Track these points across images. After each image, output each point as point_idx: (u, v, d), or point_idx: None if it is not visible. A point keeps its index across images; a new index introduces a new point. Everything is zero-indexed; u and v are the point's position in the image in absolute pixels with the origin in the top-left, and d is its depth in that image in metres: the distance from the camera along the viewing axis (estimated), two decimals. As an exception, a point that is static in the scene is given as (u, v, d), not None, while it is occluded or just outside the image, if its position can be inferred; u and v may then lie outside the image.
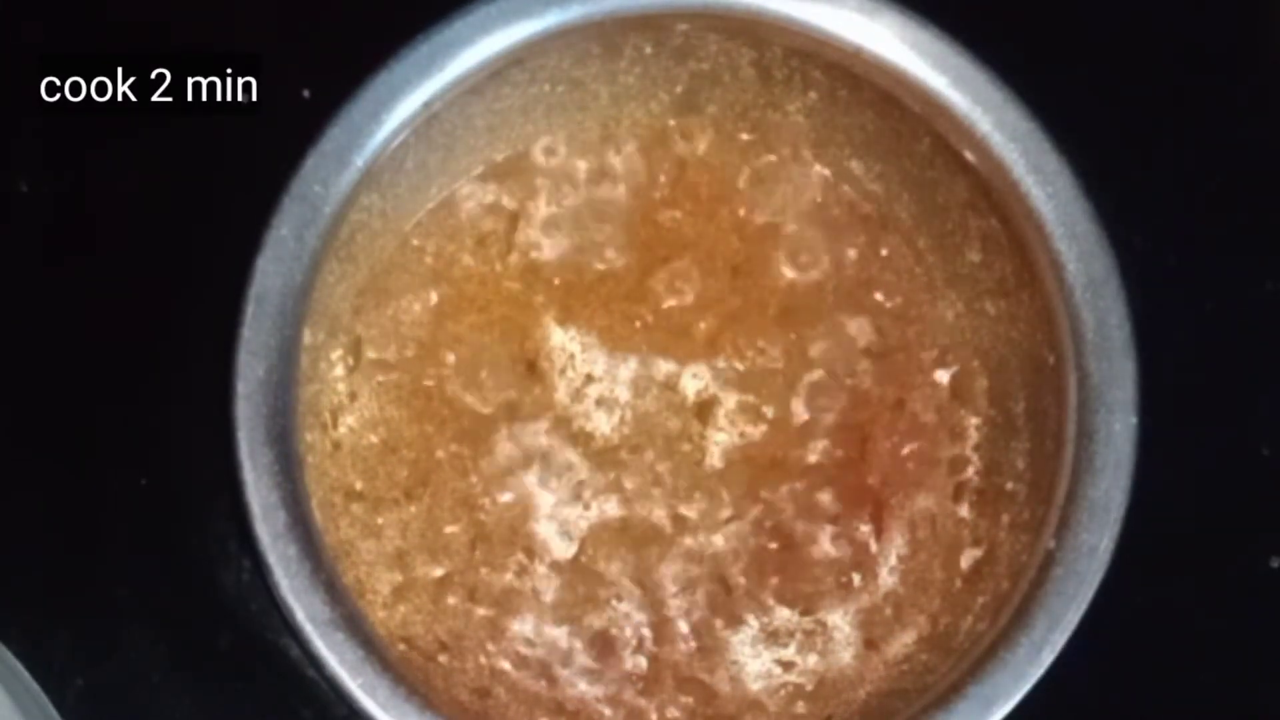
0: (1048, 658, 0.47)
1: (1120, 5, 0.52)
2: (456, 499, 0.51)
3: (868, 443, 0.52)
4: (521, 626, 0.50)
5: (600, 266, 0.52)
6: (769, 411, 0.52)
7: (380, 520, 0.50)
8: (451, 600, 0.50)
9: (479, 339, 0.51)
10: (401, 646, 0.50)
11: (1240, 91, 0.52)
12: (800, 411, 0.52)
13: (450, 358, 0.51)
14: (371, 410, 0.51)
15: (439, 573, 0.50)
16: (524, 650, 0.50)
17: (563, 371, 0.51)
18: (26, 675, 0.46)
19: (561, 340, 0.52)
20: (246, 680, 0.47)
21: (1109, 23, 0.51)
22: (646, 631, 0.50)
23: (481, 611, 0.50)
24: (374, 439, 0.51)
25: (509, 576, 0.50)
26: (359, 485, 0.51)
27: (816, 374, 0.52)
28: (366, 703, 0.46)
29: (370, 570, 0.50)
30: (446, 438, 0.51)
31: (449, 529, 0.50)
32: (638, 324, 0.52)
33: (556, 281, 0.52)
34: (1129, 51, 0.51)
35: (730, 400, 0.52)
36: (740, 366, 0.52)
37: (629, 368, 0.52)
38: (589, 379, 0.51)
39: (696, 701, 0.50)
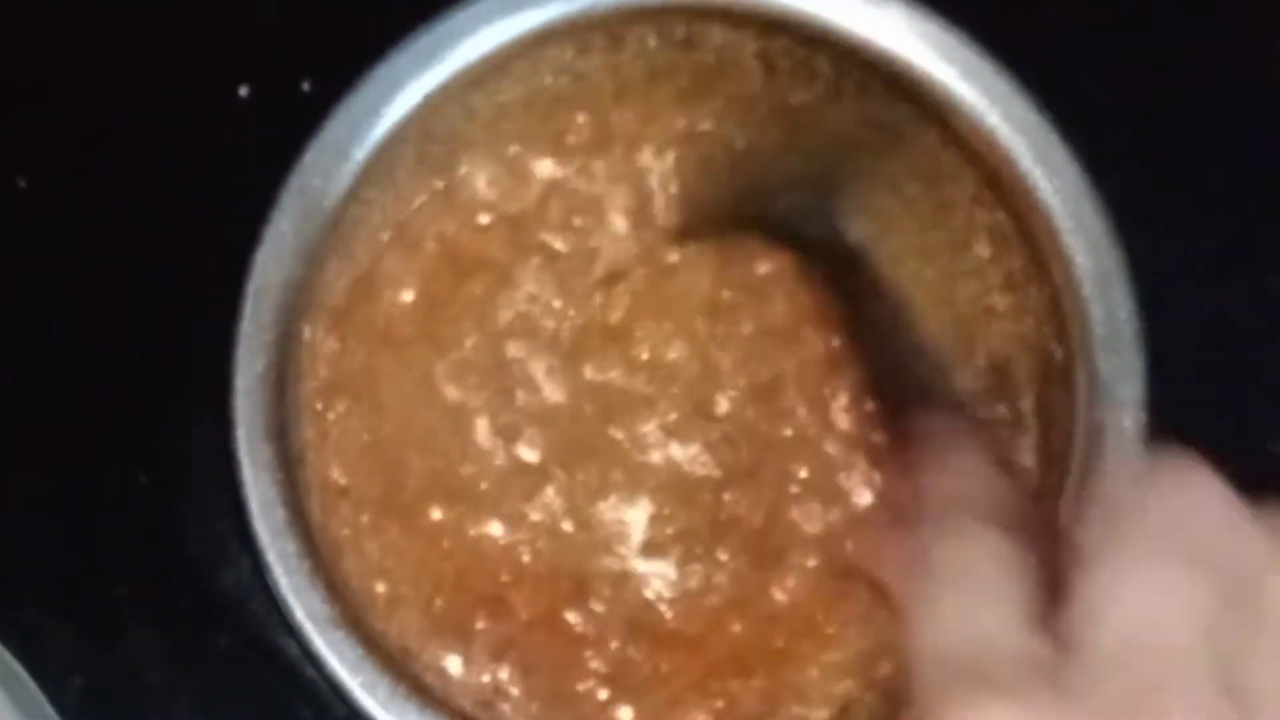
0: (1049, 658, 0.47)
1: (1129, -2, 0.52)
2: (456, 497, 0.50)
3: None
4: (521, 625, 0.50)
5: (603, 260, 0.52)
6: (776, 395, 0.51)
7: (380, 519, 0.50)
8: (452, 600, 0.50)
9: (480, 333, 0.51)
10: (402, 647, 0.49)
11: (1249, 82, 0.51)
12: (801, 406, 0.51)
13: (451, 352, 0.51)
14: (371, 407, 0.51)
15: (438, 572, 0.50)
16: (524, 651, 0.50)
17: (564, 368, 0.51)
18: (26, 675, 0.46)
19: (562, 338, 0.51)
20: (246, 680, 0.47)
21: (1117, 15, 0.51)
22: (646, 629, 0.50)
23: (482, 611, 0.50)
24: (374, 436, 0.51)
25: (509, 575, 0.50)
26: (359, 483, 0.50)
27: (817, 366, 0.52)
28: (366, 702, 0.46)
29: (370, 571, 0.50)
30: (447, 435, 0.50)
31: (449, 528, 0.50)
32: (639, 316, 0.51)
33: (560, 277, 0.52)
34: (1137, 44, 0.51)
35: (733, 390, 0.51)
36: (745, 349, 0.51)
37: (629, 362, 0.51)
38: (590, 373, 0.51)
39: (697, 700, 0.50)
